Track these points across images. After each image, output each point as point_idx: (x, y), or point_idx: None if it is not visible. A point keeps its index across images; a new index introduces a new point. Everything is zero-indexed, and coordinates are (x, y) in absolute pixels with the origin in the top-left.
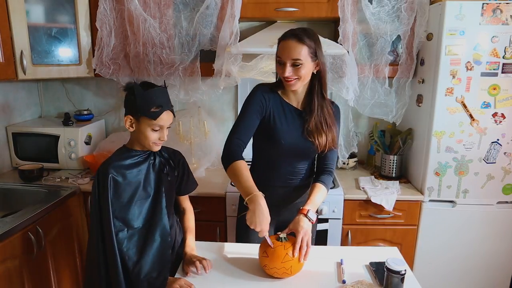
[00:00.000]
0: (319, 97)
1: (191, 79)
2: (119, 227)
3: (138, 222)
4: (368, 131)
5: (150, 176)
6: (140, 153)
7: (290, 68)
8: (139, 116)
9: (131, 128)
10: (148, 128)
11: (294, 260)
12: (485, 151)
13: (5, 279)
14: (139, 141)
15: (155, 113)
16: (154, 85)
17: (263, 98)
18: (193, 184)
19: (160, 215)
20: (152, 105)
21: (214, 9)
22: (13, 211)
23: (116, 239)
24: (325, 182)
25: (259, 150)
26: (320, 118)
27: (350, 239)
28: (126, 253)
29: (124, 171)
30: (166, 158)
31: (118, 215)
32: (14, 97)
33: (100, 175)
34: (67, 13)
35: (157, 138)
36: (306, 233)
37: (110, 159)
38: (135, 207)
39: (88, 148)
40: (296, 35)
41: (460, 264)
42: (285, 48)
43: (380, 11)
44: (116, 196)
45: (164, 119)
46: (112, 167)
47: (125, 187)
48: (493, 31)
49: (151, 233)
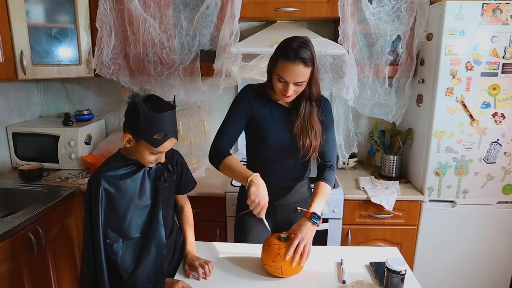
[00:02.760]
0: (307, 103)
1: (191, 79)
2: (113, 238)
3: (135, 232)
4: (368, 131)
5: (145, 185)
6: (135, 161)
7: (292, 89)
8: (139, 138)
9: (127, 144)
10: (146, 151)
11: (285, 262)
12: (485, 151)
13: (5, 279)
14: (134, 155)
15: (158, 141)
16: (161, 105)
17: (247, 100)
18: (192, 183)
19: (156, 225)
20: (155, 132)
21: (214, 9)
22: (13, 211)
23: (110, 250)
24: (327, 179)
25: (251, 149)
26: (306, 123)
27: (350, 239)
28: (121, 264)
29: (117, 182)
30: (164, 164)
31: (113, 226)
32: (14, 97)
33: (91, 186)
34: (67, 13)
35: (154, 160)
36: (305, 238)
37: (102, 167)
38: (131, 218)
39: (88, 148)
40: (302, 59)
41: (460, 264)
42: (291, 72)
43: (380, 11)
44: (110, 207)
45: (165, 147)
46: (104, 177)
47: (119, 198)
48: (493, 31)
49: (147, 245)
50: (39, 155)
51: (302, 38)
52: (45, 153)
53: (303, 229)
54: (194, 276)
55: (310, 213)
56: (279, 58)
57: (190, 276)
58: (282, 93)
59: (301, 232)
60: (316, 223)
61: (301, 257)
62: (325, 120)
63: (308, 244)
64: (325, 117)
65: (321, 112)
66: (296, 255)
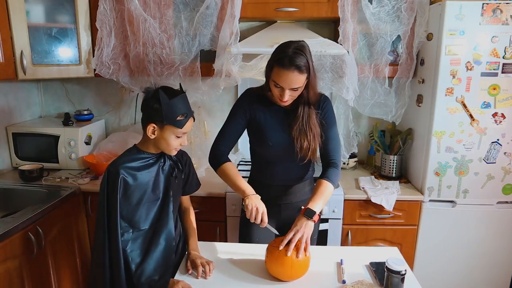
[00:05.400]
0: (305, 106)
1: (191, 79)
2: (124, 228)
3: (144, 224)
4: (368, 131)
5: (159, 179)
6: (152, 155)
7: (288, 95)
8: (164, 124)
9: (152, 135)
10: (172, 136)
11: (288, 265)
12: (485, 151)
13: (5, 279)
14: (157, 146)
15: (181, 121)
16: (175, 91)
17: (247, 104)
18: (197, 185)
19: (167, 218)
20: (178, 114)
21: (214, 9)
22: (13, 211)
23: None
24: (329, 177)
25: (253, 151)
26: (305, 126)
27: (350, 239)
28: (129, 255)
29: (134, 173)
30: (175, 161)
31: (125, 216)
32: (14, 97)
33: (110, 174)
34: (67, 13)
35: (178, 144)
36: (299, 230)
37: (120, 159)
38: (143, 209)
39: (88, 148)
40: (297, 66)
41: (460, 264)
42: (286, 79)
43: (380, 11)
44: (125, 197)
45: (188, 127)
46: (123, 167)
47: (135, 189)
48: (493, 31)
49: (156, 237)
50: (39, 155)
51: (298, 43)
52: (45, 153)
53: (298, 223)
54: (193, 274)
55: (305, 209)
56: (274, 64)
57: (189, 272)
58: (278, 98)
59: (295, 226)
60: (311, 218)
61: (298, 250)
62: (326, 119)
63: (305, 238)
64: (326, 115)
65: (321, 112)
66: (291, 245)
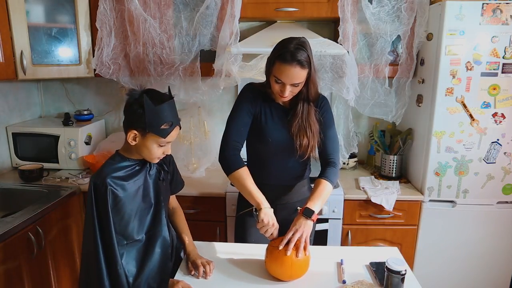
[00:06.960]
0: (304, 103)
1: (191, 79)
2: (117, 241)
3: (138, 234)
4: (368, 131)
5: (148, 186)
6: (136, 161)
7: (289, 90)
8: (146, 132)
9: (133, 141)
10: (154, 145)
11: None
12: (485, 151)
13: (5, 279)
14: (139, 153)
15: (166, 130)
16: (162, 96)
17: (252, 97)
18: (181, 183)
19: (160, 226)
20: (162, 122)
21: (214, 9)
22: (13, 211)
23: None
24: (328, 176)
25: (251, 148)
26: (304, 123)
27: (350, 239)
28: (125, 267)
29: (122, 183)
30: (160, 163)
31: (117, 229)
32: (14, 97)
33: (97, 188)
34: (67, 13)
35: (161, 153)
36: (299, 230)
37: (105, 169)
38: (135, 220)
39: (88, 148)
40: (299, 61)
41: (460, 264)
42: (288, 74)
43: (380, 11)
44: (116, 210)
45: (173, 136)
46: (110, 178)
47: (125, 201)
48: (493, 31)
49: (151, 245)
50: (39, 155)
51: (299, 39)
52: (45, 153)
53: (297, 223)
54: (193, 274)
55: (303, 208)
56: (276, 60)
57: (192, 272)
58: (279, 94)
59: (294, 225)
60: (310, 217)
61: (298, 250)
62: (325, 119)
63: (304, 237)
64: (324, 115)
65: (320, 111)
66: (291, 244)
